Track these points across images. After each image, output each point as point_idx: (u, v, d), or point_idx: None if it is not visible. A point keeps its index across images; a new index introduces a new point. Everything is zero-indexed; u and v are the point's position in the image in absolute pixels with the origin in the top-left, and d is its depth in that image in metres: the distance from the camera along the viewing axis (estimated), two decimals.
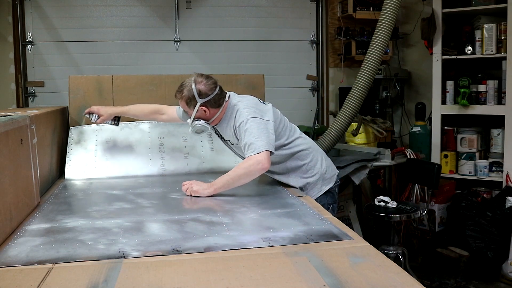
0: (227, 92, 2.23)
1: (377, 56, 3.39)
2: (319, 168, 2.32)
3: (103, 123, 2.52)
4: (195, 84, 2.11)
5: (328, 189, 2.34)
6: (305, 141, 2.34)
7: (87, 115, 2.51)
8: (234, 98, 2.24)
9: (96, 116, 2.49)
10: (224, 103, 2.18)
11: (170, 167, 2.62)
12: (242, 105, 2.16)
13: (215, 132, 2.36)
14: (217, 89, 2.14)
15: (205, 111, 2.14)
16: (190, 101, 2.13)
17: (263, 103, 2.26)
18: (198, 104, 2.12)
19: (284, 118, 2.31)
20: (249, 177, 2.05)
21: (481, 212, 3.34)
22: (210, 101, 2.13)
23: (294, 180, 2.29)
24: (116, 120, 2.53)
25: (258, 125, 2.07)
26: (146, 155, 2.63)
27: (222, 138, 2.35)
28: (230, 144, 2.30)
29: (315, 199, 2.17)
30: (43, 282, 1.17)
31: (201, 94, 2.11)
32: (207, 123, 2.19)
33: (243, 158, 2.17)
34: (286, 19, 4.34)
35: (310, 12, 4.40)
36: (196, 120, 2.17)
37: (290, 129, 2.30)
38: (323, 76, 4.42)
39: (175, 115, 2.40)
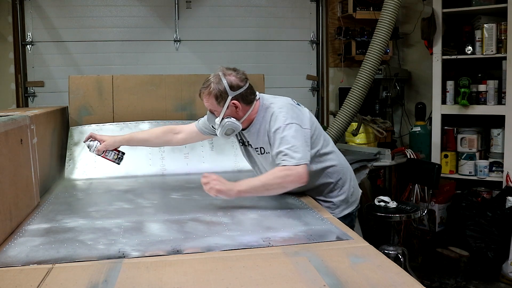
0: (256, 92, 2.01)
1: (377, 56, 3.40)
2: (346, 189, 2.08)
3: (105, 154, 2.17)
4: (225, 76, 1.89)
5: (349, 213, 2.10)
6: (338, 157, 2.08)
7: (87, 143, 2.19)
8: (265, 98, 2.01)
9: (97, 143, 2.17)
10: (255, 101, 1.96)
11: (170, 167, 2.62)
12: (276, 107, 1.92)
13: (239, 139, 2.11)
14: (248, 82, 1.94)
15: (236, 107, 1.90)
16: (220, 95, 1.88)
17: (298, 104, 2.01)
18: (230, 98, 1.88)
19: (319, 125, 2.05)
20: (283, 189, 1.83)
21: (481, 212, 3.34)
22: (242, 95, 1.90)
23: (317, 200, 2.03)
24: (120, 155, 2.20)
25: (296, 132, 1.84)
26: (146, 155, 2.63)
27: (246, 146, 2.09)
28: (259, 153, 2.01)
29: None
30: (43, 282, 1.17)
31: (232, 87, 1.88)
32: (238, 122, 1.94)
33: (266, 170, 1.98)
34: (286, 19, 4.34)
35: (310, 12, 4.40)
36: (226, 118, 1.92)
37: (324, 139, 2.03)
38: (323, 76, 4.42)
39: (195, 129, 2.18)
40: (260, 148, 1.99)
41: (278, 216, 1.77)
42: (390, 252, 3.16)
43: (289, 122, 1.85)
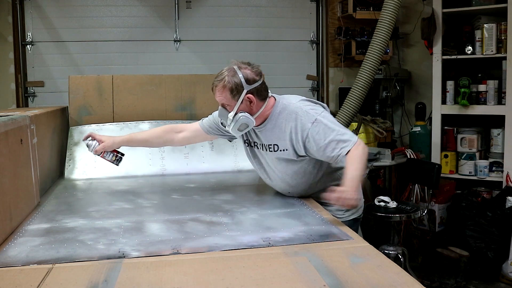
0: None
1: (377, 56, 3.40)
2: None
3: (103, 155, 2.13)
4: (240, 69, 1.86)
5: (356, 218, 2.05)
6: None
7: (86, 142, 2.15)
8: (279, 96, 1.97)
9: (96, 143, 2.13)
10: (268, 98, 1.92)
11: (170, 167, 2.62)
12: (301, 103, 1.90)
13: (245, 140, 2.05)
14: (263, 77, 1.91)
15: (251, 101, 1.86)
16: (235, 89, 1.83)
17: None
18: (245, 91, 1.83)
19: None
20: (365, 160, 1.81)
21: (481, 212, 3.34)
22: (257, 89, 1.86)
23: (325, 203, 1.93)
24: (119, 156, 2.17)
25: (330, 117, 1.88)
26: (146, 155, 2.63)
27: (252, 147, 2.04)
28: (271, 150, 1.94)
29: None
30: (43, 282, 1.17)
31: (248, 80, 1.84)
32: (252, 117, 1.88)
33: (273, 170, 1.98)
34: (286, 19, 4.33)
35: (310, 12, 4.40)
36: (240, 113, 1.86)
37: None
38: (323, 76, 4.42)
39: (199, 129, 2.13)
40: (274, 145, 1.93)
41: (278, 216, 1.77)
42: (390, 252, 3.16)
43: (321, 111, 1.87)
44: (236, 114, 1.86)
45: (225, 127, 1.98)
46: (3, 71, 3.89)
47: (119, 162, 2.17)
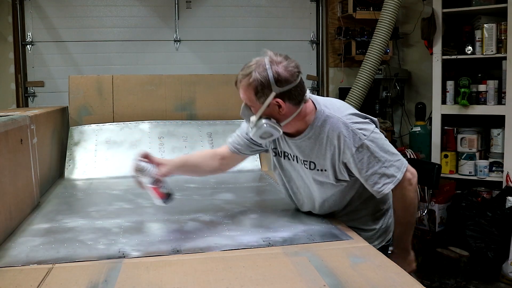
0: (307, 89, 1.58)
1: (377, 56, 3.40)
2: (390, 215, 1.79)
3: (158, 184, 1.64)
4: (272, 65, 1.48)
5: (385, 245, 1.82)
6: None
7: (139, 164, 1.63)
8: (320, 102, 1.60)
9: (152, 167, 1.64)
10: (304, 102, 1.55)
11: None
12: (343, 114, 1.55)
13: (273, 148, 1.71)
14: (300, 77, 1.52)
15: (279, 106, 1.50)
16: (261, 89, 1.48)
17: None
18: (272, 94, 1.48)
19: None
20: (416, 199, 1.64)
21: (481, 212, 3.34)
22: (289, 93, 1.49)
23: (358, 229, 1.67)
24: (171, 190, 1.68)
25: (379, 141, 1.54)
26: None
27: (279, 157, 1.71)
28: (306, 167, 1.62)
29: None
30: (43, 282, 1.17)
31: (279, 80, 1.47)
32: (279, 125, 1.54)
33: (307, 187, 1.68)
34: (286, 19, 4.34)
35: (310, 12, 4.40)
36: (264, 119, 1.52)
37: None
38: (323, 76, 4.42)
39: (229, 153, 1.77)
40: (311, 162, 1.60)
41: (278, 216, 1.77)
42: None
43: (371, 131, 1.54)
44: (259, 119, 1.53)
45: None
46: (3, 71, 3.89)
47: (169, 200, 1.66)
